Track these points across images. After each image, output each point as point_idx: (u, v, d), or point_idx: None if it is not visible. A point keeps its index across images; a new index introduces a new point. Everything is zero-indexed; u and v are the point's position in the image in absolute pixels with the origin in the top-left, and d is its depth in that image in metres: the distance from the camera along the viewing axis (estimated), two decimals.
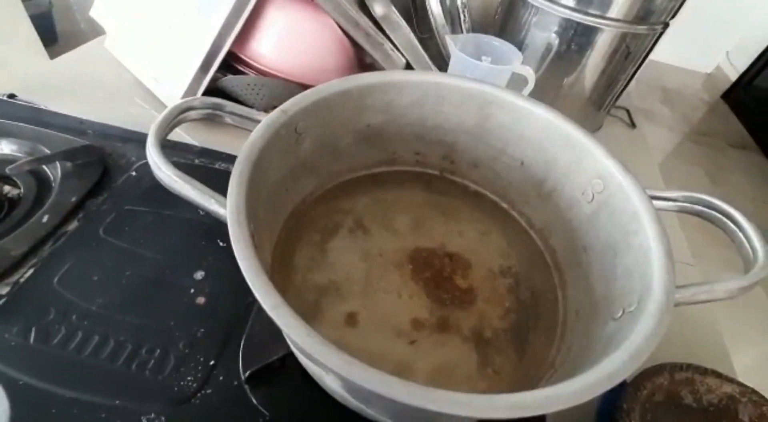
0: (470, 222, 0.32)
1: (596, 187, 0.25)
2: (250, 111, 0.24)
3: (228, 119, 0.24)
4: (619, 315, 0.20)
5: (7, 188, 0.37)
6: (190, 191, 0.20)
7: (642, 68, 0.68)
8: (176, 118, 0.22)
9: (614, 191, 0.24)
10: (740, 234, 0.22)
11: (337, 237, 0.30)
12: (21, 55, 0.66)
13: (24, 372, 0.27)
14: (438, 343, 0.25)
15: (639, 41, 0.60)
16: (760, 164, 1.65)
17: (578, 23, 0.57)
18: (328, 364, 0.14)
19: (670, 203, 0.24)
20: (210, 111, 0.23)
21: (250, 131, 0.23)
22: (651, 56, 0.68)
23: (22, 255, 0.32)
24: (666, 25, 0.60)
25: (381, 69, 0.61)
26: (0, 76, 0.57)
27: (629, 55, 0.62)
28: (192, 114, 0.23)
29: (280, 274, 0.27)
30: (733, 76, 1.92)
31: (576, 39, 0.59)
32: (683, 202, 0.24)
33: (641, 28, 0.58)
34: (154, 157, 0.20)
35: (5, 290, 0.30)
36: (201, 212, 0.38)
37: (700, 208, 0.24)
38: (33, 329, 0.28)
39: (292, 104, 0.24)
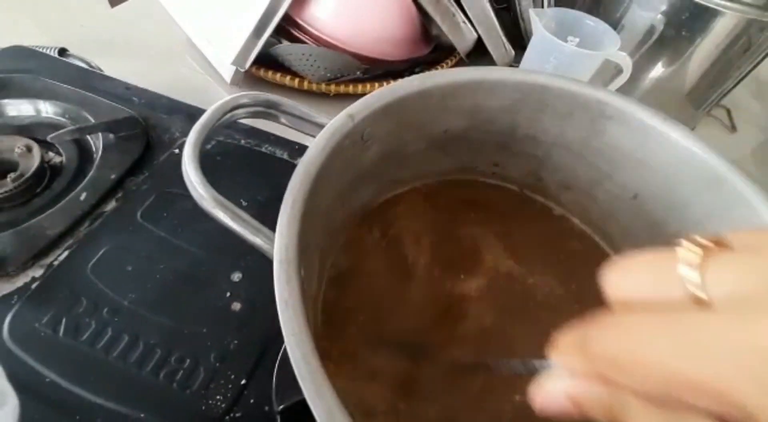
0: (549, 254, 0.27)
1: None
2: (309, 112, 0.19)
3: (283, 119, 0.19)
4: None
5: (50, 155, 0.36)
6: (230, 221, 0.16)
7: None
8: (220, 120, 0.18)
9: None
10: None
11: (383, 263, 0.25)
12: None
13: (51, 368, 0.25)
14: None
15: (766, 33, 0.49)
16: None
17: (695, 4, 0.47)
18: None
19: None
20: (262, 109, 0.19)
21: (309, 135, 0.19)
22: None
23: (59, 235, 0.30)
24: None
25: (448, 42, 0.54)
26: (59, 21, 0.56)
27: (749, 48, 0.51)
28: (240, 112, 0.18)
29: (325, 300, 0.23)
30: None
31: (687, 23, 0.49)
32: None
33: None
34: (190, 173, 0.16)
35: (39, 272, 0.29)
36: (243, 202, 0.35)
37: None
38: (63, 320, 0.27)
39: (362, 107, 0.19)
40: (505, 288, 0.25)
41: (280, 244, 0.14)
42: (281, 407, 0.24)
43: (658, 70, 0.55)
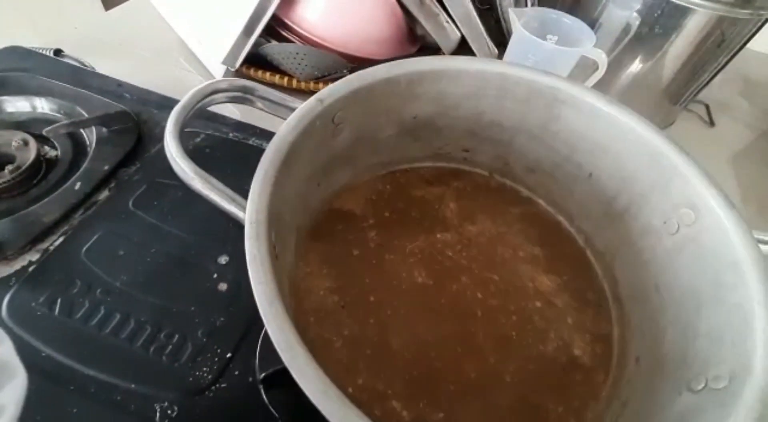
0: (516, 231, 0.28)
1: (685, 218, 0.21)
2: (283, 97, 0.21)
3: (259, 104, 0.21)
4: (700, 387, 0.16)
5: (45, 149, 0.37)
6: (208, 190, 0.18)
7: None
8: (200, 102, 0.19)
9: (709, 227, 0.20)
10: None
11: (365, 239, 0.27)
12: (77, 2, 0.66)
13: (47, 343, 0.27)
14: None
15: (737, 28, 0.51)
16: None
17: (668, 2, 0.49)
18: None
19: None
20: (239, 94, 0.21)
21: (283, 119, 0.21)
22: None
23: (54, 221, 0.32)
24: None
25: (433, 42, 0.56)
26: (55, 24, 0.57)
27: (723, 43, 0.53)
28: (218, 97, 0.20)
29: (303, 277, 0.25)
30: None
31: (661, 20, 0.51)
32: None
33: (743, 13, 0.49)
34: (171, 148, 0.18)
35: (36, 257, 0.30)
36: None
37: None
38: (59, 300, 0.28)
39: (331, 92, 0.21)
40: (475, 257, 0.26)
41: (251, 208, 0.16)
42: (263, 375, 0.25)
43: (635, 67, 0.57)
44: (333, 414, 0.13)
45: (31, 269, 0.30)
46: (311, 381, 0.13)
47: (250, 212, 0.16)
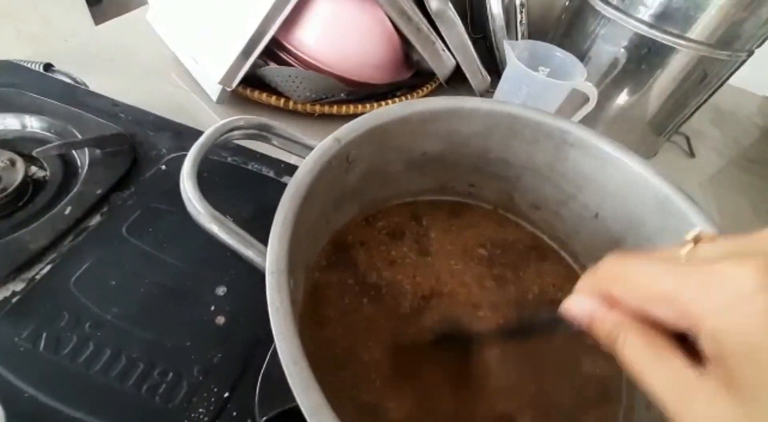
0: (521, 268, 0.29)
1: None
2: (299, 136, 0.21)
3: (275, 141, 0.21)
4: None
5: (33, 169, 0.36)
6: (225, 235, 0.17)
7: None
8: (218, 139, 0.19)
9: None
10: None
11: (371, 272, 0.27)
12: (65, 14, 0.64)
13: (30, 383, 0.25)
14: None
15: (717, 67, 0.54)
16: None
17: (653, 41, 0.52)
18: None
19: None
20: (256, 131, 0.20)
21: (299, 156, 0.21)
22: None
23: (41, 249, 0.30)
24: (750, 53, 0.53)
25: (428, 68, 0.57)
26: (43, 36, 0.56)
27: (704, 80, 0.55)
28: (236, 134, 0.20)
29: (311, 308, 0.24)
30: None
31: (647, 57, 0.54)
32: None
33: (722, 54, 0.51)
34: (188, 189, 0.17)
35: (20, 286, 0.29)
36: (229, 218, 0.35)
37: None
38: (44, 335, 0.27)
39: (348, 132, 0.21)
40: (477, 294, 0.26)
41: (272, 257, 0.16)
42: (264, 419, 0.24)
43: (621, 100, 0.60)
44: None
45: (14, 300, 0.28)
46: None
47: (270, 262, 0.16)
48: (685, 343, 0.12)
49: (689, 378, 0.12)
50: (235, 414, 0.26)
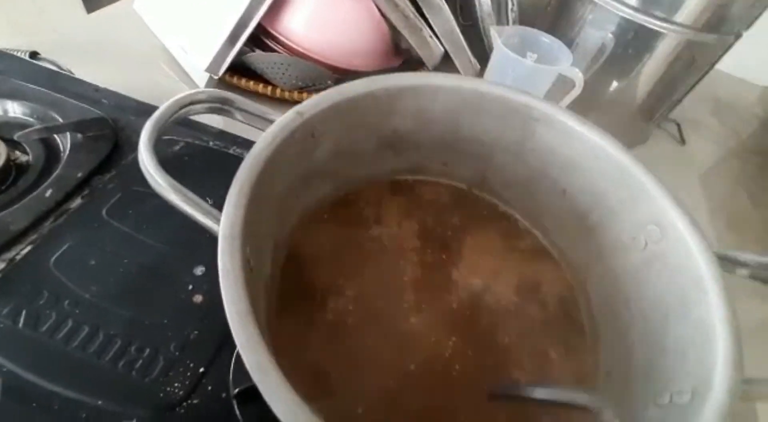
0: (495, 246, 0.29)
1: (651, 235, 0.22)
2: (262, 109, 0.21)
3: (238, 116, 0.21)
4: (666, 401, 0.17)
5: (16, 153, 0.36)
6: (184, 203, 0.17)
7: None
8: (176, 113, 0.19)
9: (673, 245, 0.20)
10: None
11: (347, 250, 0.27)
12: (59, 4, 0.65)
13: (9, 357, 0.25)
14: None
15: (706, 51, 0.53)
16: None
17: (640, 25, 0.51)
18: None
19: (741, 269, 0.21)
20: (218, 105, 0.20)
21: (262, 130, 0.21)
22: None
23: (22, 230, 0.31)
24: (738, 36, 0.53)
25: (417, 56, 0.57)
26: (35, 25, 0.56)
27: (693, 64, 0.55)
28: (197, 107, 0.20)
29: (285, 282, 0.25)
30: None
31: (634, 42, 0.54)
32: (757, 268, 0.20)
33: (710, 37, 0.51)
34: (145, 159, 0.18)
35: (0, 266, 0.29)
36: (209, 201, 0.36)
37: None
38: (23, 312, 0.27)
39: (310, 106, 0.21)
40: (450, 267, 0.27)
41: (226, 223, 0.16)
42: (237, 390, 0.25)
43: (610, 86, 0.60)
44: None
45: None
46: (283, 403, 0.13)
47: (224, 227, 0.16)
48: None
49: None
50: (210, 388, 0.26)
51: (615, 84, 0.60)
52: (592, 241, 0.25)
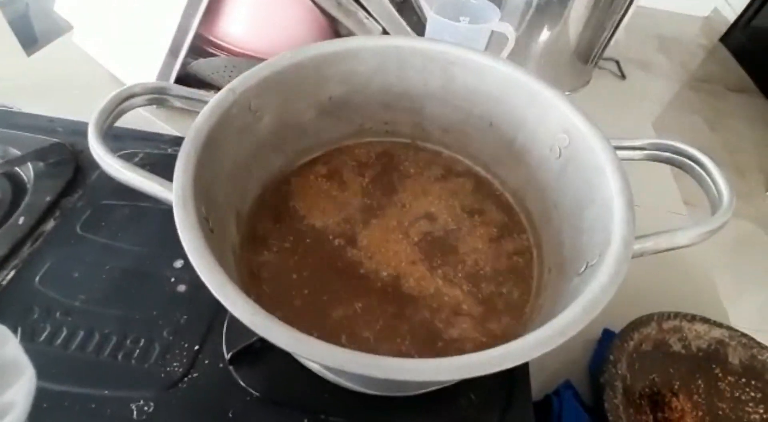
0: (446, 188, 0.31)
1: (562, 142, 0.24)
2: (198, 92, 0.23)
3: (177, 103, 0.23)
4: (583, 269, 0.20)
5: None
6: (136, 179, 0.19)
7: (635, 17, 0.65)
8: (118, 106, 0.21)
9: (579, 145, 0.23)
10: (707, 179, 0.21)
11: (310, 215, 0.29)
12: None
13: None
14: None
15: None
16: (761, 106, 1.60)
17: None
18: (277, 343, 0.14)
19: (638, 152, 0.23)
20: (155, 96, 0.22)
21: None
22: (644, 3, 0.64)
23: (2, 258, 0.32)
24: None
25: None
26: None
27: (613, 2, 0.59)
28: (136, 101, 0.22)
29: (251, 252, 0.27)
30: (732, 18, 1.83)
31: None
32: (650, 149, 0.23)
33: None
34: (96, 148, 0.20)
35: None
36: None
37: (668, 154, 0.23)
38: (19, 328, 0.29)
39: (240, 82, 0.23)
40: (410, 209, 0.29)
41: (177, 184, 0.18)
42: (230, 354, 0.27)
43: (543, 35, 0.63)
44: (260, 328, 0.14)
45: None
46: (240, 306, 0.15)
47: (176, 187, 0.18)
48: None
49: None
50: (207, 362, 0.28)
51: (547, 33, 0.63)
52: (522, 164, 0.28)
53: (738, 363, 0.35)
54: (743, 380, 0.34)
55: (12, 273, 0.32)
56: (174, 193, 0.18)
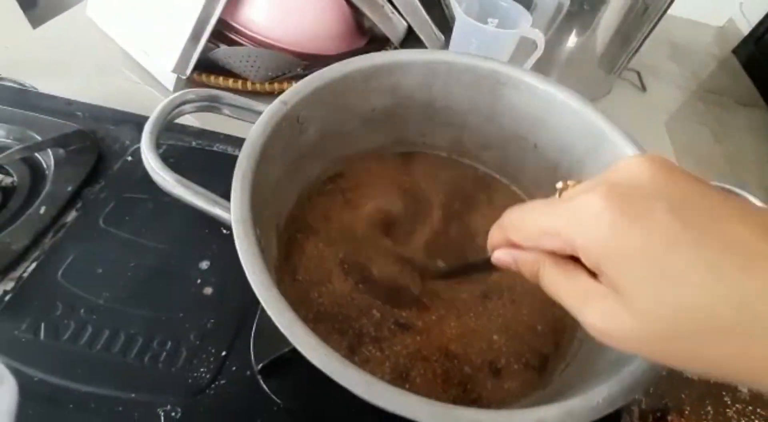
0: (480, 205, 0.31)
1: None
2: (250, 102, 0.22)
3: (226, 111, 0.22)
4: None
5: (0, 176, 0.36)
6: (191, 196, 0.19)
7: None
8: (170, 114, 0.20)
9: None
10: None
11: (344, 222, 0.29)
12: (5, 21, 0.62)
13: (38, 368, 0.27)
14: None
15: None
16: (767, 121, 1.61)
17: None
18: (349, 387, 0.14)
19: None
20: (207, 103, 0.22)
21: (250, 122, 0.22)
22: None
23: (24, 248, 0.31)
24: None
25: (381, 33, 0.58)
26: None
27: (646, 11, 0.58)
28: (187, 108, 0.21)
29: (288, 266, 0.26)
30: (746, 30, 1.82)
31: None
32: None
33: None
34: (150, 161, 0.19)
35: (10, 285, 0.30)
36: None
37: None
38: (42, 325, 0.28)
39: (293, 94, 0.22)
40: (444, 235, 0.29)
41: (236, 207, 0.18)
42: (260, 365, 0.27)
43: (571, 42, 0.62)
44: (340, 376, 0.14)
45: (7, 298, 0.29)
46: (314, 349, 0.15)
47: (234, 211, 0.18)
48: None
49: (589, 286, 0.14)
50: (234, 368, 0.28)
51: (575, 40, 0.62)
52: None
53: (747, 391, 0.36)
54: (750, 407, 0.35)
55: (34, 265, 0.31)
56: (233, 219, 0.17)
